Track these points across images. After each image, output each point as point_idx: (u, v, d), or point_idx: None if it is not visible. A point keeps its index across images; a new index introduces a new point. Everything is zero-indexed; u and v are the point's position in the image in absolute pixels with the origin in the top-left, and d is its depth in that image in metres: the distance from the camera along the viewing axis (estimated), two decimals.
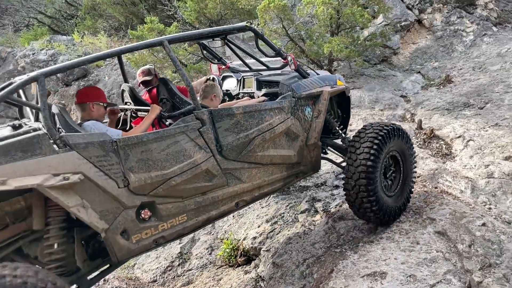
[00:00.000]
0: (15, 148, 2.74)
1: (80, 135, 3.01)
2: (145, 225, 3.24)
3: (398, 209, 4.44)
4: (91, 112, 3.51)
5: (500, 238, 3.92)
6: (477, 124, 7.20)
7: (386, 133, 4.24)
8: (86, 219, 2.93)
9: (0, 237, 2.98)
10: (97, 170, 2.98)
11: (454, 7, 11.76)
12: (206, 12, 10.58)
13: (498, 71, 9.35)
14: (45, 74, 3.01)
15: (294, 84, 4.29)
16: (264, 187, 3.97)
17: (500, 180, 5.37)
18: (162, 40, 3.53)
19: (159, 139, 3.28)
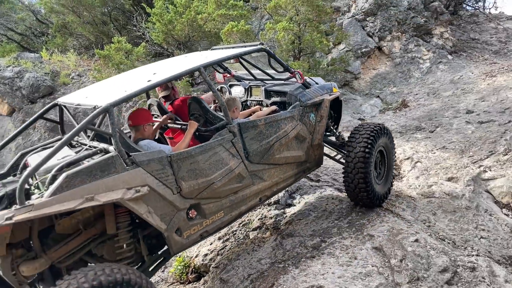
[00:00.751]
0: (96, 168, 3.17)
1: (143, 154, 3.51)
2: (193, 223, 3.82)
3: (385, 194, 5.31)
4: (144, 132, 4.04)
5: (430, 253, 4.18)
6: (426, 146, 7.59)
7: (376, 133, 4.99)
8: (153, 222, 3.46)
9: (76, 242, 3.45)
10: (157, 181, 3.51)
11: (412, 36, 12.40)
12: (174, 33, 10.83)
13: (449, 96, 9.89)
14: (114, 105, 3.45)
15: (300, 94, 5.01)
16: (280, 183, 4.69)
17: (441, 199, 5.69)
18: (199, 67, 4.09)
19: (203, 152, 3.87)
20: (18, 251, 3.29)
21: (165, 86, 5.14)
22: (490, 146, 7.18)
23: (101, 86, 4.55)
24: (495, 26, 14.19)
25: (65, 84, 12.04)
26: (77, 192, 3.06)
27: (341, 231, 4.82)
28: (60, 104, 4.33)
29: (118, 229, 3.52)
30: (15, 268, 3.27)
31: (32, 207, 2.91)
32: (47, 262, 3.33)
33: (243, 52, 4.70)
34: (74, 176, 3.08)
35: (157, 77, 3.91)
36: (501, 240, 5.18)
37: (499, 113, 8.29)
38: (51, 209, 2.96)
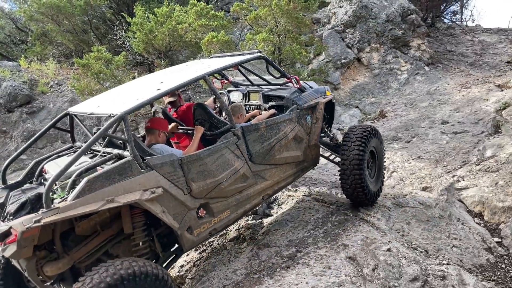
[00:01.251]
0: (114, 172, 3.42)
1: (156, 158, 3.76)
2: (202, 221, 4.07)
3: (377, 191, 5.64)
4: (158, 138, 4.30)
5: (401, 262, 4.25)
6: (402, 156, 7.73)
7: (368, 134, 5.33)
8: (167, 221, 3.69)
9: (95, 242, 3.68)
10: (170, 183, 3.77)
11: (390, 47, 12.65)
12: (154, 43, 10.84)
13: (426, 107, 10.10)
14: (128, 113, 3.69)
15: (297, 98, 5.29)
16: (280, 182, 4.98)
17: (415, 209, 5.80)
18: (204, 76, 4.37)
19: (211, 154, 4.13)
20: (42, 253, 3.49)
21: (172, 93, 5.34)
22: (464, 156, 7.36)
23: (111, 95, 4.77)
24: (471, 39, 14.58)
25: (43, 93, 11.92)
26: (98, 195, 3.30)
27: (317, 241, 4.86)
28: (71, 113, 4.58)
29: (134, 229, 3.76)
30: (39, 269, 3.47)
31: (58, 210, 3.15)
32: (69, 262, 3.55)
33: (244, 60, 4.99)
34: (94, 180, 3.32)
35: (166, 86, 4.17)
36: (473, 249, 5.30)
37: (472, 124, 8.51)
38: (76, 211, 3.20)
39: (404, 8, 13.34)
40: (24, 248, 3.15)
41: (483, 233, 5.63)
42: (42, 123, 11.18)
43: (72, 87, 10.75)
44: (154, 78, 4.90)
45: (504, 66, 12.20)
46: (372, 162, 5.61)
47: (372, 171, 5.62)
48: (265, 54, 9.19)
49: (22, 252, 3.17)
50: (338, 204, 5.74)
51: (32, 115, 11.38)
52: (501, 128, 8.11)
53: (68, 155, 4.47)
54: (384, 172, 5.90)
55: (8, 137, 10.97)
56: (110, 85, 10.31)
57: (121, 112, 3.67)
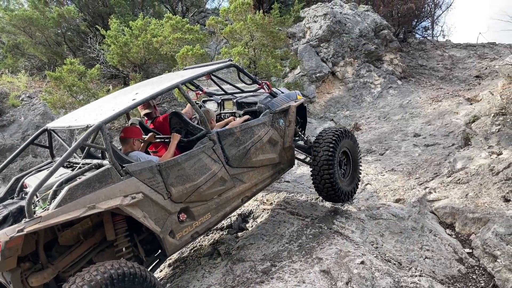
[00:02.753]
0: (94, 180, 3.54)
1: (135, 164, 3.88)
2: (184, 225, 4.21)
3: (351, 191, 5.93)
4: (133, 146, 4.45)
5: (374, 275, 4.27)
6: (376, 169, 7.83)
7: (338, 136, 5.60)
8: (149, 225, 3.80)
9: (79, 251, 3.79)
10: (150, 188, 3.88)
11: (363, 61, 12.90)
12: (129, 56, 10.75)
13: (399, 120, 10.29)
14: (105, 122, 3.82)
15: (269, 103, 5.51)
16: (259, 184, 5.16)
17: (388, 221, 5.86)
18: (178, 84, 4.56)
19: (188, 159, 4.27)
20: (26, 264, 3.58)
21: (147, 104, 5.52)
22: (435, 168, 7.51)
23: (88, 108, 4.89)
24: (442, 54, 15.01)
25: (14, 106, 11.61)
26: (80, 202, 3.41)
27: (291, 254, 4.85)
28: (49, 129, 4.69)
29: (117, 235, 3.89)
30: (23, 281, 3.56)
31: (40, 218, 3.24)
32: (54, 272, 3.66)
33: (215, 68, 5.17)
34: (75, 188, 3.43)
35: (141, 96, 4.29)
36: (445, 259, 5.37)
37: (443, 137, 8.71)
38: (58, 219, 3.28)
39: (376, 24, 13.66)
40: (8, 258, 3.21)
41: (455, 244, 5.73)
42: (12, 137, 10.88)
43: (44, 100, 10.52)
44: (130, 90, 5.04)
45: (473, 80, 12.59)
46: (346, 162, 5.91)
47: (347, 171, 5.93)
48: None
49: (6, 263, 3.23)
50: (313, 217, 5.75)
51: (2, 128, 11.06)
52: (470, 141, 8.33)
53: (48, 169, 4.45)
54: (359, 172, 6.19)
55: None
56: (84, 98, 10.14)
57: (98, 122, 3.78)
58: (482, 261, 5.41)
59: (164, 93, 5.02)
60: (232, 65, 5.26)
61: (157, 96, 4.49)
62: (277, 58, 9.64)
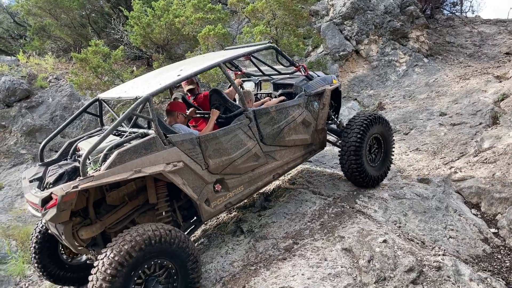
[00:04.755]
0: (141, 147, 3.85)
1: (177, 135, 4.20)
2: (219, 195, 4.51)
3: (380, 176, 5.98)
4: (176, 119, 4.78)
5: (397, 253, 4.27)
6: (400, 148, 7.73)
7: (370, 121, 5.63)
8: (188, 192, 4.13)
9: (123, 211, 4.14)
10: (189, 158, 4.18)
11: (388, 39, 12.60)
12: (152, 37, 10.80)
13: (424, 99, 10.09)
14: (153, 94, 4.11)
15: (305, 85, 5.63)
16: (290, 163, 5.35)
17: (412, 201, 5.81)
18: (219, 63, 4.81)
19: (226, 134, 4.55)
20: (77, 219, 3.94)
21: (190, 81, 5.80)
22: (461, 147, 7.37)
23: (136, 82, 5.20)
24: (470, 30, 14.51)
25: (42, 88, 11.91)
26: (127, 166, 3.72)
27: (313, 233, 4.89)
28: (100, 99, 5.04)
29: (158, 199, 4.21)
30: (74, 233, 3.93)
31: (93, 178, 3.56)
32: (101, 227, 4.01)
33: (255, 50, 5.35)
34: (123, 153, 3.74)
35: (185, 72, 4.56)
36: (469, 239, 5.32)
37: (470, 115, 8.50)
38: (108, 179, 3.60)
39: (402, 0, 13.27)
40: (63, 211, 3.53)
41: (480, 224, 5.66)
42: (41, 117, 11.19)
43: (71, 82, 10.74)
44: (175, 67, 5.31)
45: (503, 57, 12.16)
46: (377, 148, 5.92)
47: (377, 156, 5.93)
48: None
49: (61, 215, 3.55)
50: (335, 196, 5.76)
51: (31, 109, 11.38)
52: (499, 119, 8.11)
53: (98, 135, 4.91)
54: (391, 159, 6.14)
55: (8, 132, 10.98)
56: (109, 79, 10.29)
57: (146, 94, 4.06)
58: (508, 241, 5.34)
59: (206, 71, 5.26)
60: (271, 47, 5.41)
61: (200, 73, 4.77)
62: (299, 36, 9.52)
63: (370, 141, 5.74)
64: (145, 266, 3.59)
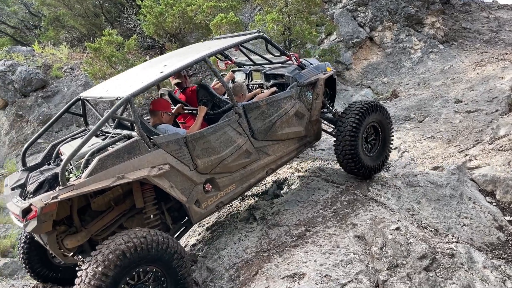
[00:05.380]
0: (123, 151, 3.69)
1: (162, 136, 4.01)
2: (209, 195, 4.37)
3: (376, 166, 5.71)
4: (161, 118, 4.51)
5: (409, 241, 4.28)
6: (414, 136, 7.68)
7: (366, 109, 5.39)
8: (175, 195, 3.98)
9: (110, 217, 4.00)
10: (176, 160, 4.03)
11: (403, 26, 12.42)
12: (164, 26, 10.82)
13: (439, 86, 9.96)
14: (134, 95, 3.92)
15: (297, 75, 5.42)
16: (284, 157, 5.19)
17: (426, 188, 5.79)
18: (204, 57, 4.56)
19: (214, 132, 4.37)
20: (61, 227, 3.82)
21: (177, 74, 5.52)
22: (477, 135, 7.28)
23: (118, 79, 5.00)
24: (487, 15, 14.20)
25: (57, 77, 12.05)
26: (110, 172, 3.58)
27: (326, 220, 4.91)
28: (83, 98, 4.85)
29: (145, 203, 4.07)
30: (59, 242, 3.81)
31: (73, 186, 3.44)
32: (87, 235, 3.88)
33: (243, 40, 5.14)
34: (105, 159, 3.58)
35: (168, 68, 4.37)
36: (483, 227, 5.29)
37: (486, 102, 8.38)
38: (89, 188, 3.47)
39: None
40: (44, 222, 3.40)
41: (495, 212, 5.62)
42: (57, 107, 11.35)
43: (85, 71, 10.84)
44: (158, 62, 5.08)
45: None
46: (375, 137, 5.71)
47: (374, 146, 5.72)
48: (275, 35, 9.15)
49: (42, 226, 3.42)
50: (347, 184, 5.76)
51: (47, 99, 11.54)
52: None
53: (82, 137, 4.68)
54: (389, 148, 5.94)
55: (24, 121, 11.18)
56: (122, 68, 10.35)
57: (127, 95, 3.88)
58: None
59: (191, 66, 5.11)
60: (260, 36, 5.23)
61: (184, 69, 4.61)
62: (312, 24, 9.45)
63: (367, 130, 5.54)
64: (127, 278, 3.48)
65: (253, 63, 6.14)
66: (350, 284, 3.80)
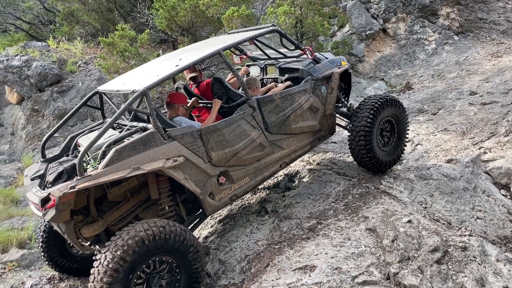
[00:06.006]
0: (139, 143, 3.76)
1: (177, 129, 4.08)
2: (223, 188, 4.42)
3: (392, 161, 5.71)
4: (177, 111, 4.60)
5: (421, 233, 4.26)
6: (428, 129, 7.61)
7: (381, 104, 5.36)
8: (190, 187, 4.04)
9: (126, 207, 4.10)
10: (191, 152, 4.09)
11: (417, 17, 12.25)
12: (177, 20, 10.86)
13: (454, 78, 9.83)
14: (149, 88, 4.00)
15: (311, 69, 5.42)
16: (297, 150, 5.21)
17: (439, 181, 5.75)
18: (219, 51, 4.60)
19: (228, 125, 4.41)
20: (79, 217, 3.93)
21: (192, 68, 5.56)
22: (492, 127, 7.18)
23: (135, 73, 5.07)
24: (504, 5, 13.90)
25: (72, 72, 12.19)
26: (125, 163, 3.65)
27: (337, 213, 4.92)
28: (100, 92, 4.93)
29: (160, 194, 4.13)
30: (77, 231, 3.92)
31: (90, 177, 3.52)
32: (103, 225, 3.98)
33: (257, 34, 5.17)
34: (121, 150, 3.66)
35: (183, 62, 4.42)
36: (497, 220, 5.24)
37: (502, 94, 8.24)
38: (105, 178, 3.55)
39: None
40: (62, 212, 3.50)
41: (509, 205, 5.56)
42: (72, 101, 11.49)
43: (99, 66, 10.96)
44: (174, 56, 5.14)
45: None
46: (390, 131, 5.67)
47: (389, 141, 5.67)
48: (287, 28, 9.12)
49: (60, 216, 3.52)
50: (359, 177, 5.74)
51: (62, 94, 11.70)
52: None
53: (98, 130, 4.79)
54: (404, 142, 5.88)
55: (40, 116, 11.36)
56: (135, 63, 10.44)
57: (143, 87, 3.95)
58: None
59: (206, 59, 5.16)
60: (274, 30, 5.24)
61: (199, 62, 4.68)
62: (324, 16, 9.39)
63: (382, 124, 5.51)
64: (144, 266, 3.55)
65: (267, 57, 6.15)
66: (361, 276, 3.80)
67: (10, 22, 18.21)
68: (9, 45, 14.48)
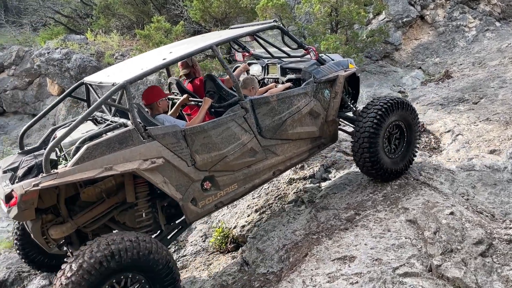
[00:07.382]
0: (114, 141, 3.47)
1: (158, 128, 3.76)
2: (208, 194, 4.08)
3: (399, 169, 5.16)
4: (159, 108, 4.27)
5: (465, 226, 4.16)
6: (469, 118, 7.38)
7: (390, 106, 4.90)
8: (168, 191, 3.74)
9: (100, 209, 3.79)
10: (172, 154, 3.76)
11: (456, 3, 11.84)
12: (211, 11, 10.92)
13: (496, 66, 9.47)
14: (130, 82, 3.71)
15: (314, 71, 5.00)
16: (293, 158, 4.81)
17: (481, 172, 5.58)
18: (212, 45, 4.27)
19: (216, 127, 4.07)
20: (48, 216, 3.66)
21: (185, 64, 5.29)
22: None
23: (123, 65, 4.87)
24: None
25: (109, 64, 12.45)
26: (97, 162, 3.37)
27: (376, 204, 4.86)
28: (86, 83, 4.68)
29: (137, 199, 3.85)
30: (45, 232, 3.66)
31: (56, 175, 3.26)
32: (73, 227, 3.69)
33: (255, 30, 4.87)
34: (94, 147, 3.39)
35: (172, 56, 4.15)
36: None
37: None
38: (73, 177, 3.29)
39: None
40: (25, 210, 3.25)
41: None
42: None
43: None
44: (167, 49, 4.85)
45: None
46: (399, 137, 5.19)
47: (399, 147, 5.19)
48: (322, 16, 9.01)
49: (23, 214, 3.28)
50: None
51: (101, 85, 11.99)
52: None
53: None
54: (414, 153, 5.37)
55: (80, 107, 11.72)
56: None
57: (123, 81, 3.68)
58: None
59: (197, 54, 4.86)
60: (275, 26, 4.89)
61: (189, 56, 4.40)
62: (360, 3, 9.21)
63: (390, 128, 5.02)
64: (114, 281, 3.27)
65: (271, 56, 5.81)
66: (402, 268, 3.76)
67: (49, 16, 18.76)
68: (49, 38, 14.96)
